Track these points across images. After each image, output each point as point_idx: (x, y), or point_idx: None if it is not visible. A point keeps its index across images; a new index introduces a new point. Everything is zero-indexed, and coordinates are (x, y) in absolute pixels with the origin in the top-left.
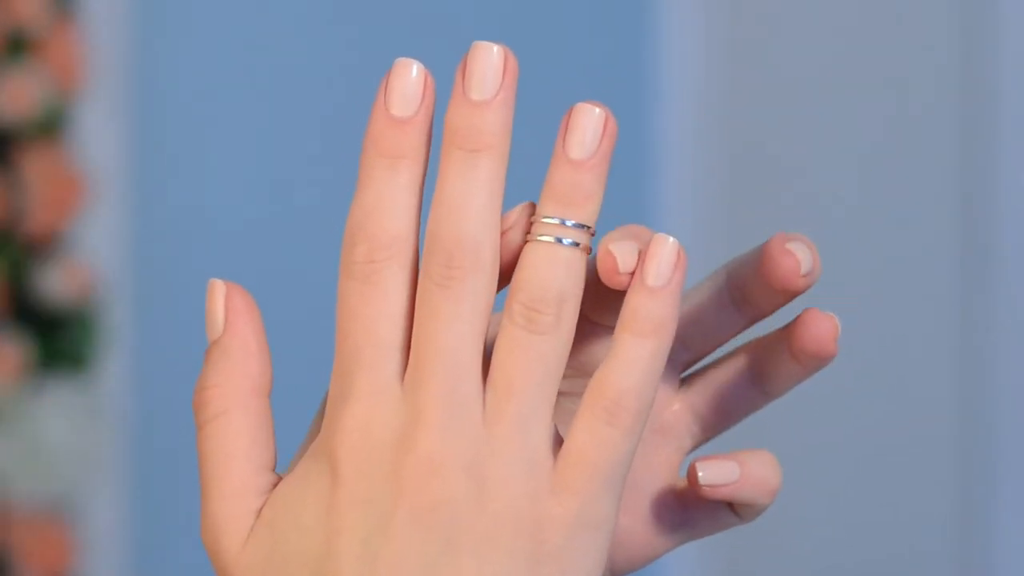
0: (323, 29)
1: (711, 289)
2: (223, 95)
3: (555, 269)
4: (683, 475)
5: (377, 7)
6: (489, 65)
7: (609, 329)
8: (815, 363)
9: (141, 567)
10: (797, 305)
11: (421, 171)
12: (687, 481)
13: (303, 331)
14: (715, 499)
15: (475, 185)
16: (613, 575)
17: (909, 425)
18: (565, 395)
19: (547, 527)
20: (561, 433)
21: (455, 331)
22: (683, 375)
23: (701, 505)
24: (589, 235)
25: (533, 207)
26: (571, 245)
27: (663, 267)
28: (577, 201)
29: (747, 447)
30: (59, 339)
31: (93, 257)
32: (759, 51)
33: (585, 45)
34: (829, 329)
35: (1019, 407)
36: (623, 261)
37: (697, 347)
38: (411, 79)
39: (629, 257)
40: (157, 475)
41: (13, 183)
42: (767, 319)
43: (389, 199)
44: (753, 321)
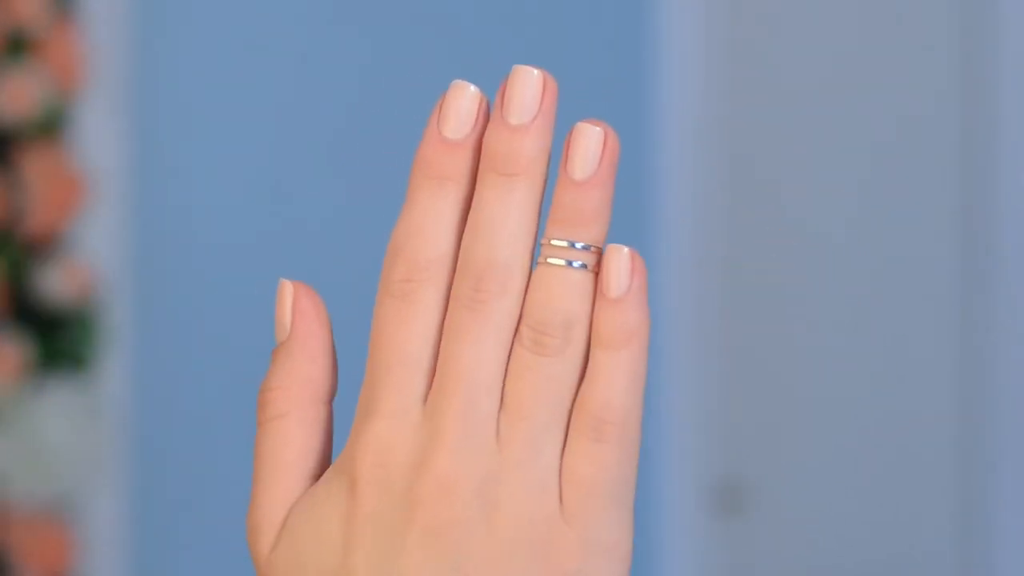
0: (323, 30)
1: None
2: (223, 95)
3: (561, 292)
4: None
5: (377, 8)
6: (528, 90)
7: None
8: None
9: (141, 567)
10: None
11: (466, 194)
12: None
13: None
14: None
15: (509, 209)
16: None
17: (909, 425)
18: None
19: (558, 552)
20: None
21: (476, 353)
22: None
23: None
24: (597, 256)
25: None
26: (578, 267)
27: (621, 277)
28: (582, 222)
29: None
30: (59, 339)
31: (93, 257)
32: (759, 51)
33: (585, 46)
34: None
35: (1019, 407)
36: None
37: None
38: (466, 102)
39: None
40: (157, 475)
41: (13, 183)
42: None
43: (431, 221)
44: None
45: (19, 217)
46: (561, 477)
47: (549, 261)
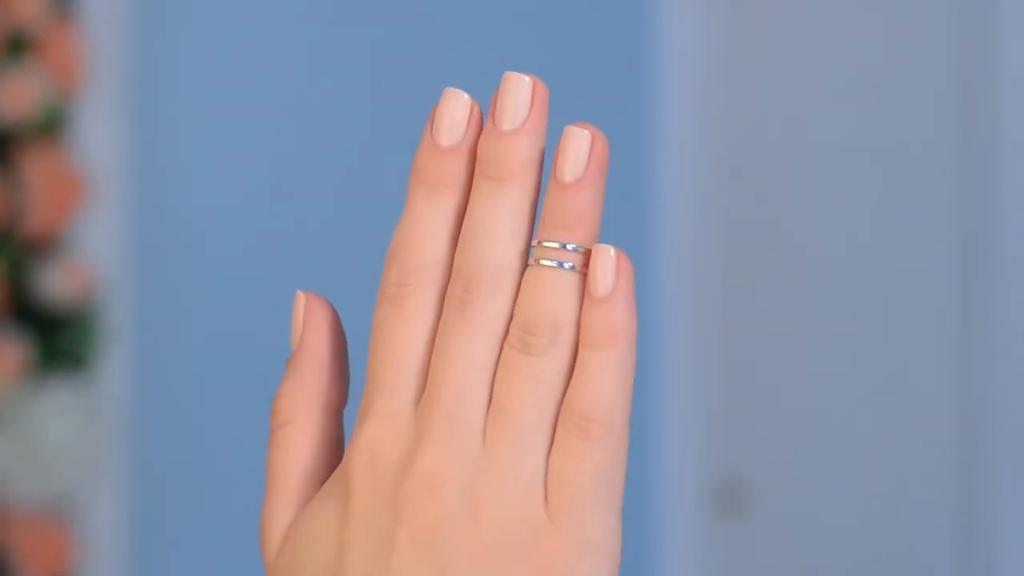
0: (323, 30)
1: None
2: (222, 96)
3: (549, 293)
4: None
5: (378, 9)
6: (519, 96)
7: None
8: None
9: (141, 567)
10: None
11: (461, 200)
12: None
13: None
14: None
15: (499, 212)
16: None
17: (909, 425)
18: None
19: (547, 552)
20: None
21: (464, 355)
22: None
23: None
24: (586, 257)
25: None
26: (568, 268)
27: (607, 277)
28: (570, 224)
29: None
30: (59, 339)
31: (93, 257)
32: (759, 52)
33: (585, 46)
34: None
35: (1019, 407)
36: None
37: None
38: (457, 109)
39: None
40: (157, 475)
41: (13, 183)
42: None
43: (424, 226)
44: None
45: (19, 217)
46: (547, 477)
47: (539, 263)
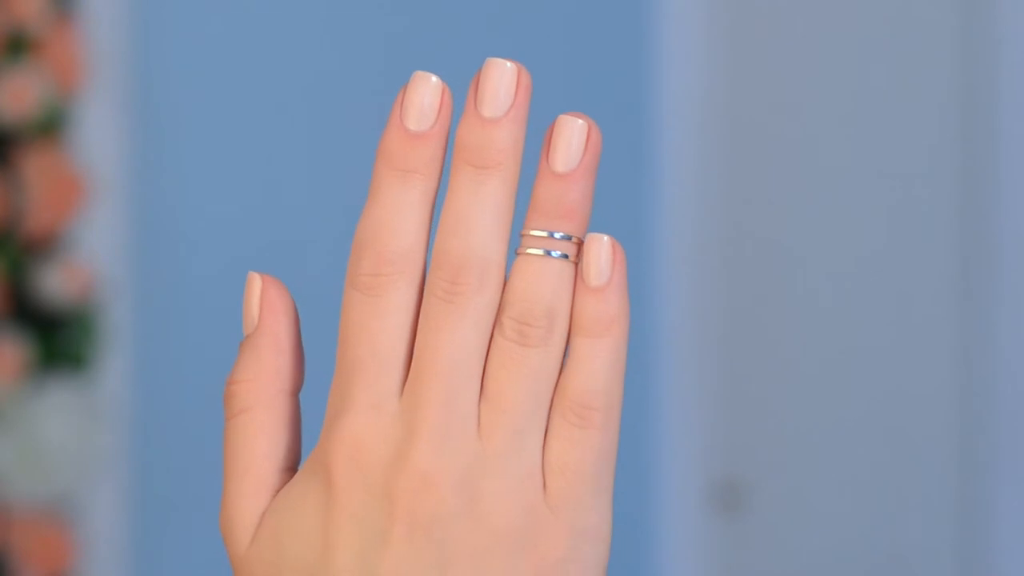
0: (323, 30)
1: None
2: (223, 95)
3: (545, 282)
4: None
5: (378, 8)
6: (502, 82)
7: None
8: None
9: (141, 567)
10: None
11: (434, 186)
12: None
13: (304, 329)
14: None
15: (484, 202)
16: None
17: (909, 425)
18: None
19: (547, 541)
20: None
21: (456, 346)
22: None
23: None
24: (577, 247)
25: None
26: (560, 258)
27: (602, 266)
28: (564, 214)
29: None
30: (59, 339)
31: (93, 257)
32: (759, 51)
33: (585, 45)
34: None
35: (1019, 407)
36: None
37: None
38: (428, 93)
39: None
40: (157, 475)
41: (13, 183)
42: None
43: (399, 214)
44: None
45: (19, 217)
46: (544, 465)
47: (529, 251)
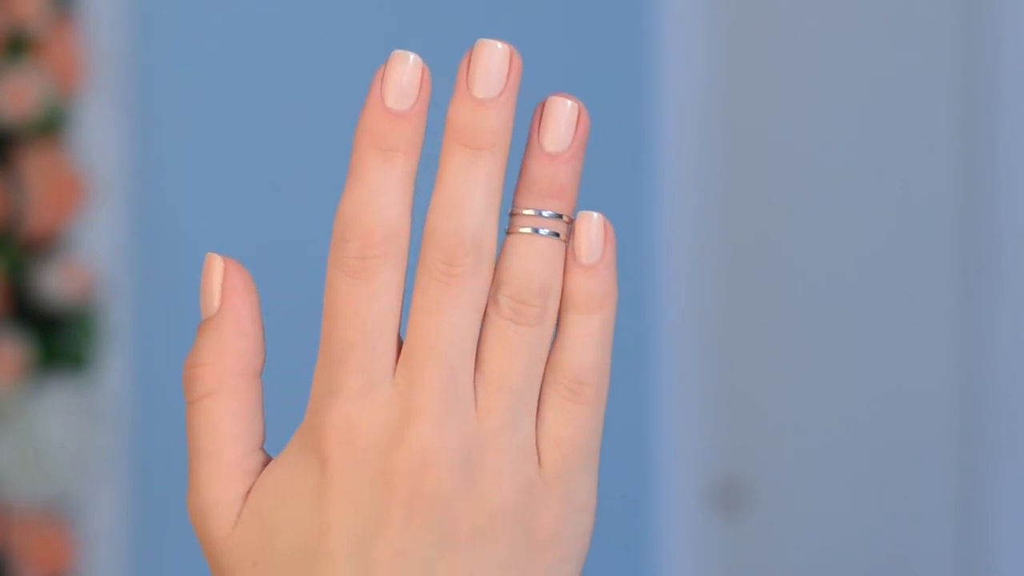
0: (324, 30)
1: None
2: (223, 95)
3: (538, 261)
4: None
5: (376, 8)
6: (494, 63)
7: None
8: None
9: (141, 567)
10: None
11: (415, 165)
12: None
13: (303, 329)
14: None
15: (477, 182)
16: None
17: (909, 425)
18: None
19: (541, 515)
20: None
21: (452, 327)
22: None
23: None
24: (567, 226)
25: None
26: (551, 236)
27: (594, 243)
28: (555, 193)
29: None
30: (59, 339)
31: (93, 257)
32: (759, 51)
33: (585, 45)
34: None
35: (1019, 408)
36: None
37: None
38: (408, 72)
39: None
40: (157, 475)
41: (13, 183)
42: None
43: (383, 194)
44: None
45: (19, 217)
46: (539, 440)
47: (521, 230)
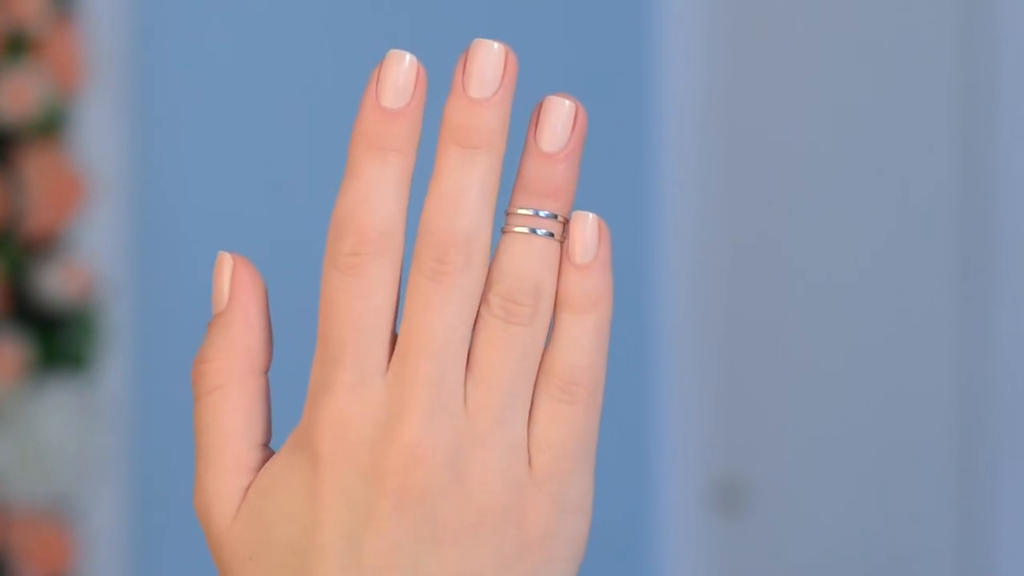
0: (324, 30)
1: None
2: (223, 95)
3: (532, 260)
4: None
5: (376, 8)
6: (489, 63)
7: None
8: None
9: (141, 567)
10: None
11: (410, 164)
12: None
13: (302, 328)
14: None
15: (471, 181)
16: None
17: (909, 425)
18: None
19: (530, 514)
20: None
21: (443, 324)
22: None
23: None
24: (562, 226)
25: None
26: (546, 236)
27: (588, 243)
28: (550, 192)
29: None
30: (59, 339)
31: (93, 257)
32: (759, 51)
33: (585, 45)
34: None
35: (1019, 407)
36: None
37: None
38: (403, 70)
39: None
40: (157, 475)
41: (13, 183)
42: None
43: (378, 192)
44: None
45: (19, 217)
46: (530, 440)
47: (515, 230)
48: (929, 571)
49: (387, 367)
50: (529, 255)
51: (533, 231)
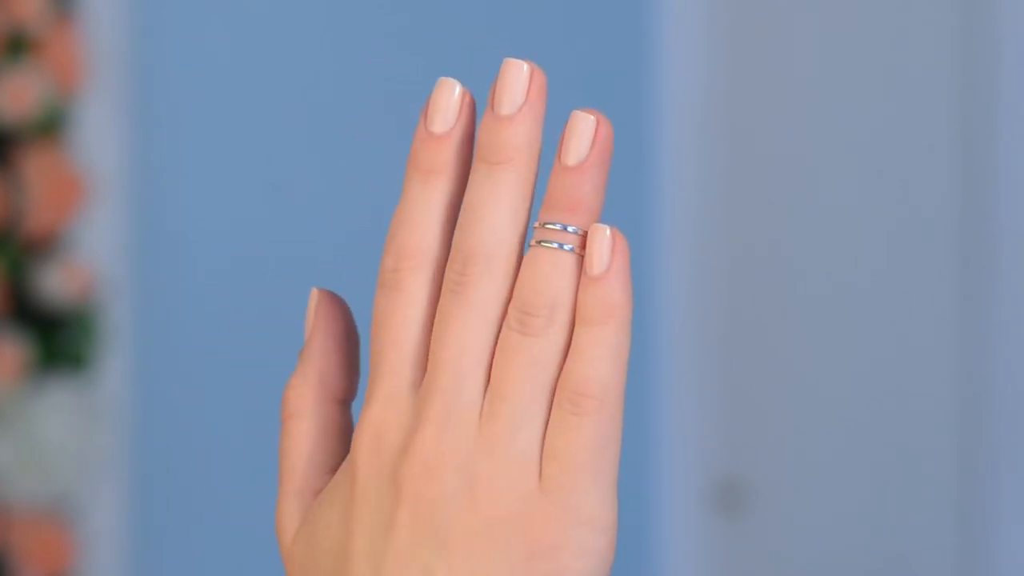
0: (324, 31)
1: None
2: (223, 95)
3: (548, 273)
4: None
5: (376, 9)
6: (515, 81)
7: None
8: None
9: (141, 567)
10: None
11: (453, 186)
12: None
13: (301, 326)
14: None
15: (493, 197)
16: None
17: (909, 425)
18: None
19: (540, 526)
20: None
21: (460, 336)
22: None
23: None
24: (583, 239)
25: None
26: (564, 249)
27: (602, 254)
28: (571, 206)
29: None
30: (59, 339)
31: (93, 257)
32: (759, 51)
33: (585, 45)
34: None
35: (1019, 407)
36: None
37: None
38: (449, 97)
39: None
40: (157, 475)
41: (13, 183)
42: None
43: (418, 212)
44: None
45: (19, 217)
46: (542, 452)
47: (535, 244)
48: (929, 571)
49: (422, 379)
50: (546, 267)
51: (552, 245)
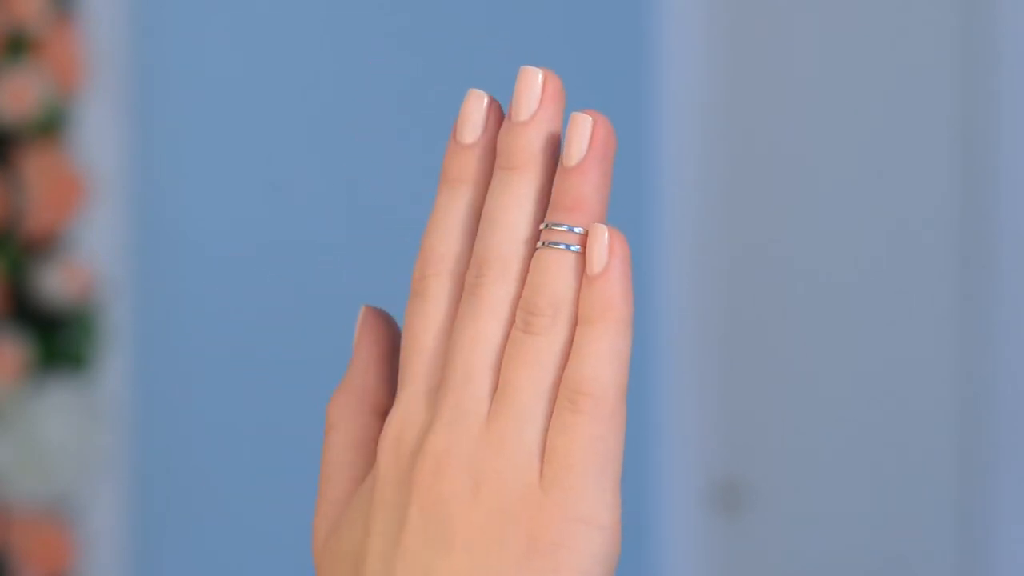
0: (323, 31)
1: None
2: (223, 95)
3: (551, 273)
4: None
5: (376, 9)
6: (529, 88)
7: None
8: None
9: (141, 567)
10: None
11: (478, 194)
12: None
13: (302, 326)
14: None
15: (509, 200)
16: None
17: (909, 425)
18: None
19: (538, 522)
20: None
21: (472, 337)
22: None
23: None
24: (585, 238)
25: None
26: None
27: (597, 254)
28: (572, 206)
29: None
30: (59, 339)
31: (93, 257)
32: (759, 51)
33: (585, 45)
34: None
35: (1019, 407)
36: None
37: None
38: (476, 108)
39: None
40: (157, 475)
41: (13, 183)
42: None
43: (443, 220)
44: None
45: (19, 217)
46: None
47: (545, 245)
48: (929, 571)
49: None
50: (549, 267)
51: (558, 245)
